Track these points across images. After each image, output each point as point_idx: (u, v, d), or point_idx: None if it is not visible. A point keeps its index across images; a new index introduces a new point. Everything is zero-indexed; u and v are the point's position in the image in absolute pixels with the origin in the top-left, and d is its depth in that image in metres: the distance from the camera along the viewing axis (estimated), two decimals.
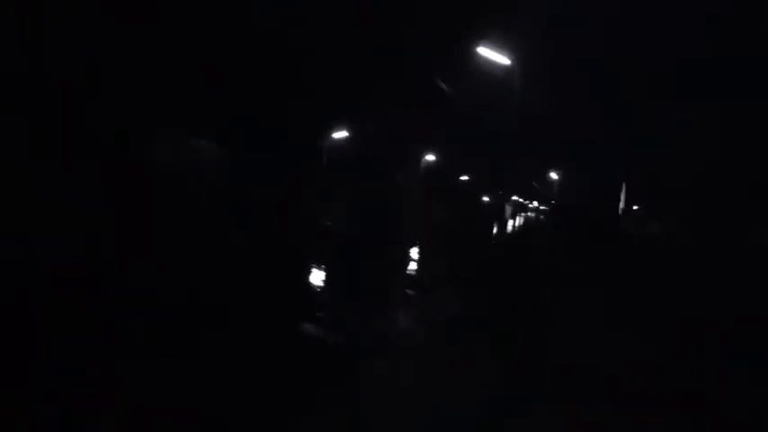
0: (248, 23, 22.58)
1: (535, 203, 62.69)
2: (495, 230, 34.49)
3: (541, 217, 53.35)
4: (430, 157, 42.61)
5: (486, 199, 60.37)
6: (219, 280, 11.14)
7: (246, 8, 22.08)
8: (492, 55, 21.00)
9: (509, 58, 21.12)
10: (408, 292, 12.92)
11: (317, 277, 13.44)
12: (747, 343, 8.27)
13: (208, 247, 14.83)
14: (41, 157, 16.45)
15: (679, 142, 22.91)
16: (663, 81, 22.86)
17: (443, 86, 23.73)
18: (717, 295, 12.09)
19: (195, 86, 23.58)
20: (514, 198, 58.65)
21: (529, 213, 60.38)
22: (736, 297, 12.09)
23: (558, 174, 38.47)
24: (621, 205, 27.78)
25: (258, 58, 23.89)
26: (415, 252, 20.77)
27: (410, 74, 25.40)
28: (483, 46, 20.58)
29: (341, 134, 33.28)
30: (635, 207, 28.18)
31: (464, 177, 50.16)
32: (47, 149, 17.19)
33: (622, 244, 23.53)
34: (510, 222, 46.35)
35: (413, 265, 17.33)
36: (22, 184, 14.79)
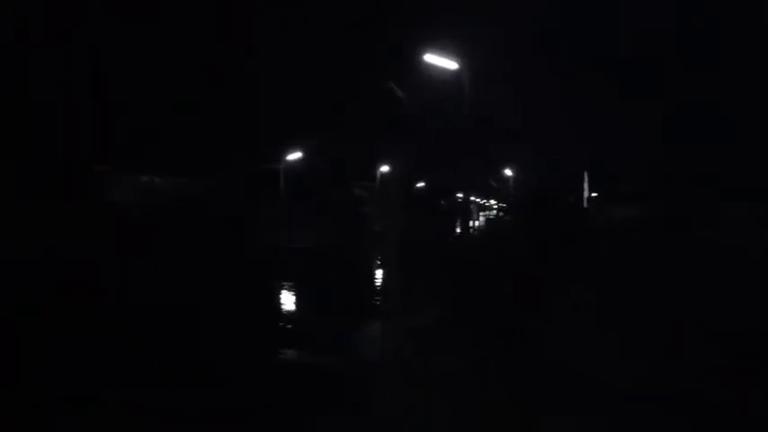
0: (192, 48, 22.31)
1: (493, 201, 63.23)
2: (458, 233, 34.56)
3: (500, 214, 53.72)
4: (385, 167, 42.59)
5: (443, 202, 60.56)
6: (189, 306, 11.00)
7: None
8: (439, 60, 21.06)
9: (457, 62, 21.20)
10: (377, 304, 12.79)
11: (285, 298, 13.22)
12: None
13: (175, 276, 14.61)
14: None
15: (629, 132, 23.39)
16: (610, 70, 23.35)
17: (398, 91, 23.72)
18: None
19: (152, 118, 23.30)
20: (472, 198, 59.07)
21: (490, 212, 60.82)
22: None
23: (513, 170, 38.83)
24: (586, 194, 28.16)
25: (206, 81, 23.58)
26: (379, 263, 20.66)
27: (361, 84, 25.34)
28: (430, 52, 20.63)
29: (296, 153, 32.99)
30: (593, 194, 28.63)
31: (421, 184, 50.35)
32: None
33: (594, 232, 23.71)
34: (473, 223, 46.59)
35: (379, 277, 17.18)
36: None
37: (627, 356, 7.24)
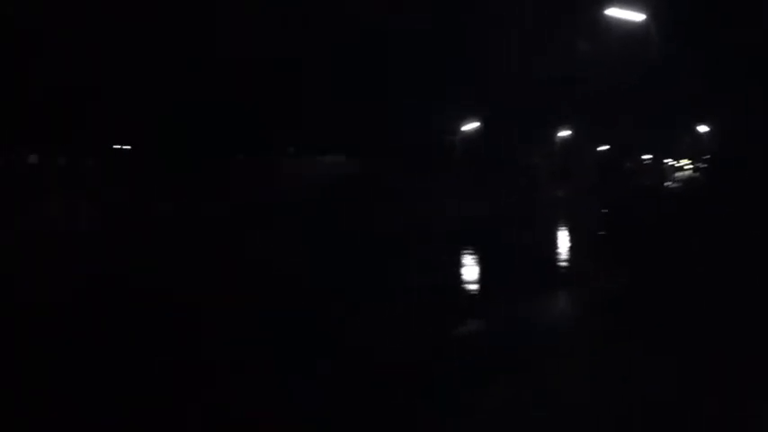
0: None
1: (685, 162, 58.40)
2: (652, 199, 32.54)
3: (695, 173, 49.50)
4: (566, 132, 40.97)
5: (628, 165, 57.08)
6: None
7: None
8: (623, 13, 19.74)
9: (643, 14, 19.72)
10: (559, 272, 12.41)
11: (463, 270, 13.17)
12: None
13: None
14: None
15: None
16: None
17: (582, 46, 22.60)
18: None
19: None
20: (665, 160, 55.12)
21: (683, 173, 56.24)
22: None
23: (710, 125, 35.63)
24: None
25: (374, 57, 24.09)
26: (562, 233, 20.10)
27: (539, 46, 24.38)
28: (613, 6, 19.40)
29: (470, 125, 32.75)
30: None
31: (604, 147, 47.87)
32: None
33: None
34: (667, 185, 43.76)
35: (561, 247, 16.68)
36: None
37: None
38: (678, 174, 54.61)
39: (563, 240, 18.51)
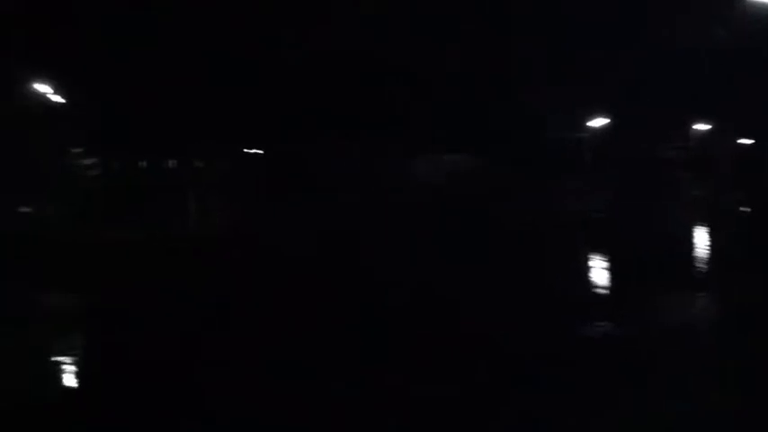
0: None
1: None
2: None
3: None
4: (704, 125, 38.55)
5: None
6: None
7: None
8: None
9: None
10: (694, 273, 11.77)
11: (589, 270, 12.83)
12: None
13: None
14: None
15: None
16: None
17: (720, 34, 21.38)
18: None
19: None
20: None
21: None
22: None
23: None
24: None
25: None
26: (698, 233, 19.06)
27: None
28: None
29: (598, 120, 31.61)
30: None
31: (746, 141, 44.55)
32: None
33: None
34: None
35: (696, 247, 15.82)
36: None
37: None
38: None
39: (699, 244, 17.48)
